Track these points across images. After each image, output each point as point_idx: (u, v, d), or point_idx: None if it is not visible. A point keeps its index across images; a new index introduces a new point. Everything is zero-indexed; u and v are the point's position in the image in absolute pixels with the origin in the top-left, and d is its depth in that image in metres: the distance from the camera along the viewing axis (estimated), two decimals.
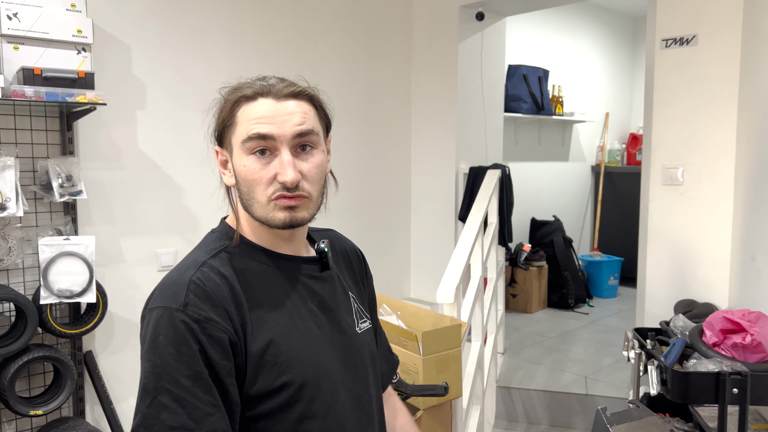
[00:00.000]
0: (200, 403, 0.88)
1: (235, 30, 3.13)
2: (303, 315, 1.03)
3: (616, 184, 5.77)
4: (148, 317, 0.94)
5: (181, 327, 0.90)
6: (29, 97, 2.17)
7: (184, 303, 0.91)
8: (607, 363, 3.60)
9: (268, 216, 0.99)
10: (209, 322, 0.91)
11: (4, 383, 2.30)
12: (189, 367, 0.89)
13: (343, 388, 1.04)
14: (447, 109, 3.82)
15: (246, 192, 0.99)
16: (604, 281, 5.23)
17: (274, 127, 0.97)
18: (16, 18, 2.23)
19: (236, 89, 1.02)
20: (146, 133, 2.84)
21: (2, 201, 2.26)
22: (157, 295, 0.95)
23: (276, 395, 0.95)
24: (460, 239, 2.44)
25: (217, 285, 0.95)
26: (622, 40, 6.12)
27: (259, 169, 0.97)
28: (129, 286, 2.83)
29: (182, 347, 0.89)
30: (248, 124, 0.97)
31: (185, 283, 0.94)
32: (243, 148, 0.98)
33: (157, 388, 0.88)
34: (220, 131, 1.02)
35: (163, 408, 0.87)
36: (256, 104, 0.98)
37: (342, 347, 1.07)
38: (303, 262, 1.07)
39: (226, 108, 1.00)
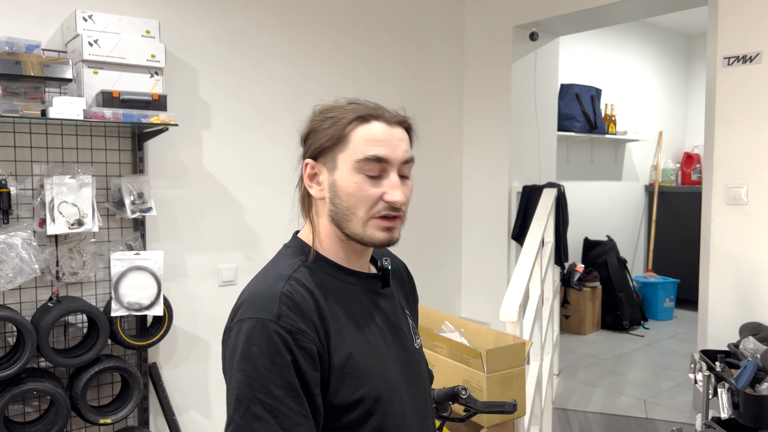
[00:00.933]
0: (291, 413, 0.91)
1: (293, 54, 3.23)
2: (373, 330, 1.07)
3: (671, 204, 5.65)
4: (237, 328, 0.96)
5: (275, 338, 0.93)
6: (108, 118, 2.29)
7: (278, 314, 0.94)
8: (666, 386, 3.51)
9: (365, 233, 1.03)
10: (301, 333, 0.94)
11: (77, 392, 2.40)
12: (282, 378, 0.91)
13: (408, 404, 1.07)
14: (500, 128, 3.84)
15: (346, 207, 1.02)
16: (660, 303, 5.10)
17: (389, 150, 1.02)
18: (97, 44, 2.36)
19: (340, 108, 1.05)
20: (211, 152, 2.95)
21: (80, 217, 2.38)
22: (247, 307, 0.97)
23: (354, 408, 0.98)
24: (520, 258, 2.44)
25: (304, 298, 0.98)
26: (676, 59, 6.03)
27: (368, 187, 1.01)
28: (192, 300, 2.92)
29: (276, 357, 0.92)
30: (365, 144, 1.01)
31: (277, 294, 0.97)
32: (355, 167, 1.01)
33: (250, 398, 0.91)
34: (323, 147, 1.04)
35: (256, 418, 0.90)
36: (371, 126, 1.03)
37: (405, 363, 1.11)
38: (370, 278, 1.11)
39: (336, 125, 1.03)
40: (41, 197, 2.36)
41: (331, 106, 1.07)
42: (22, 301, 2.46)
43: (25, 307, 2.47)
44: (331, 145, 1.04)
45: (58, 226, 2.33)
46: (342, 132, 1.03)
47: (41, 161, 2.48)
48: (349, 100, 1.08)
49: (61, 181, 2.35)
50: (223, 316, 2.96)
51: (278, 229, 3.12)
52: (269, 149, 3.12)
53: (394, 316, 1.13)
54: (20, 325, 2.24)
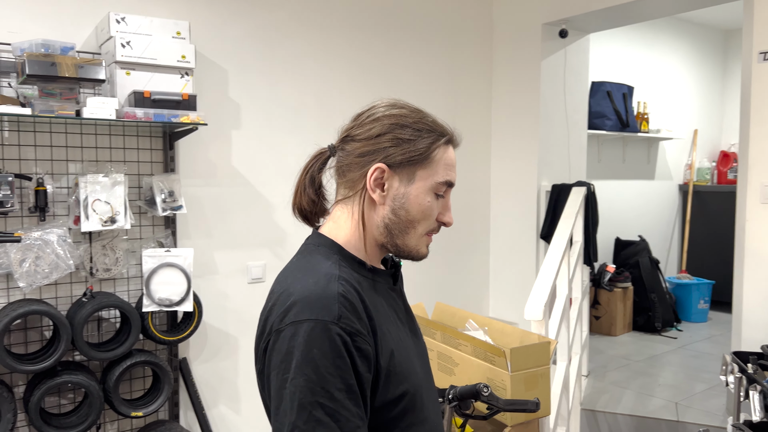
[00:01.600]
0: (351, 416, 0.91)
1: (322, 54, 3.25)
2: (399, 326, 1.09)
3: (707, 203, 5.53)
4: (295, 330, 0.93)
5: (337, 340, 0.91)
6: (140, 118, 2.34)
7: (338, 315, 0.93)
8: (699, 389, 3.43)
9: (416, 247, 1.08)
10: (359, 335, 0.94)
11: (109, 385, 2.46)
12: (343, 381, 0.91)
13: (430, 396, 1.11)
14: (528, 126, 3.81)
15: (410, 221, 1.06)
16: (694, 305, 5.00)
17: (455, 175, 1.10)
18: (129, 46, 2.41)
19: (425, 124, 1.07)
20: (240, 151, 2.99)
21: (112, 214, 2.44)
22: (303, 308, 0.94)
23: (397, 405, 1.00)
24: (547, 256, 2.42)
25: (355, 298, 0.98)
26: (711, 55, 5.90)
27: (435, 208, 1.08)
28: (221, 296, 2.97)
29: (337, 360, 0.91)
30: (446, 169, 1.07)
31: (334, 295, 0.95)
32: (433, 187, 1.06)
33: (312, 403, 0.89)
34: (407, 158, 1.05)
35: (318, 423, 0.89)
36: (450, 151, 1.09)
37: (422, 357, 1.14)
38: (386, 275, 1.12)
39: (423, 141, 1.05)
40: (76, 195, 2.43)
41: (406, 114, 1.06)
42: (58, 296, 2.53)
43: (61, 302, 2.54)
44: (416, 160, 1.05)
45: (91, 224, 2.40)
46: (428, 150, 1.06)
47: (76, 160, 2.55)
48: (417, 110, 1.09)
49: (94, 179, 2.41)
50: (253, 312, 3.03)
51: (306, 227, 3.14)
52: (298, 148, 3.15)
53: (407, 311, 1.17)
54: (56, 319, 2.30)
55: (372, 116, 1.08)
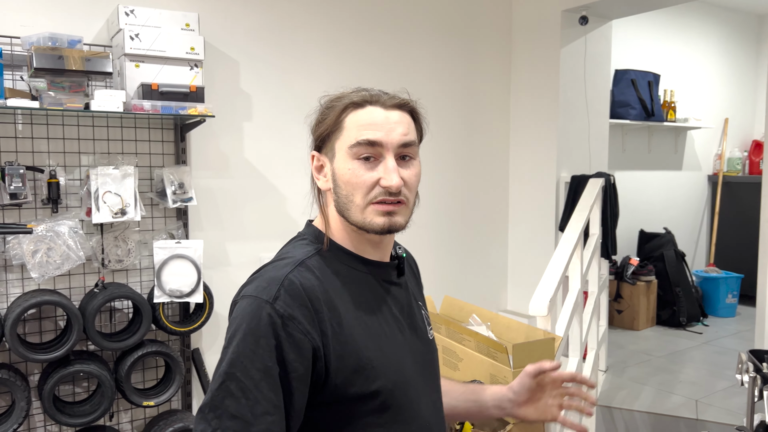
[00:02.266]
0: (263, 399, 0.90)
1: (334, 45, 3.23)
2: (389, 321, 1.05)
3: (737, 194, 5.36)
4: (240, 304, 0.97)
5: (266, 319, 0.92)
6: (147, 110, 2.35)
7: (275, 297, 0.94)
8: (722, 387, 3.34)
9: (365, 220, 1.01)
10: (293, 320, 0.93)
11: (121, 374, 2.50)
12: (262, 361, 0.91)
13: (423, 395, 1.07)
14: (548, 116, 3.73)
15: (345, 195, 1.02)
16: (722, 299, 4.86)
17: (383, 134, 1.00)
18: (138, 38, 2.42)
19: (341, 97, 1.05)
20: (252, 143, 2.99)
21: (123, 206, 2.46)
22: (252, 286, 0.98)
23: (370, 400, 0.97)
24: (556, 250, 2.37)
25: (312, 286, 0.97)
26: (743, 40, 5.69)
27: (363, 173, 1.00)
28: (234, 288, 2.93)
29: (260, 339, 0.92)
30: (357, 129, 1.00)
31: (280, 278, 0.96)
32: (349, 153, 1.01)
33: (229, 374, 0.91)
34: (322, 136, 1.05)
35: (229, 394, 0.90)
36: (365, 111, 1.02)
37: (420, 354, 1.10)
38: (385, 267, 1.10)
39: (332, 114, 1.03)
40: (87, 187, 2.46)
41: (335, 95, 1.06)
42: (72, 287, 2.57)
43: (75, 293, 2.58)
44: (329, 133, 1.03)
45: (102, 215, 2.42)
46: (337, 119, 1.02)
47: (89, 152, 2.58)
48: (354, 88, 1.07)
49: (105, 171, 2.44)
50: None
51: None
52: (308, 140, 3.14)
53: (408, 306, 1.13)
54: (67, 309, 2.34)
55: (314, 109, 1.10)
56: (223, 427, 0.89)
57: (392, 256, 1.13)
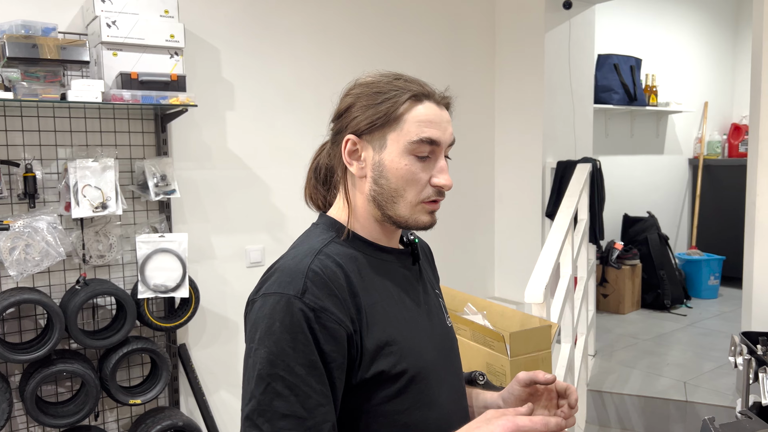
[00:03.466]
0: (313, 392, 0.89)
1: (319, 32, 3.16)
2: (408, 307, 1.04)
3: (717, 177, 5.41)
4: (262, 302, 0.93)
5: (298, 314, 0.90)
6: (127, 100, 2.28)
7: (302, 290, 0.92)
8: (708, 368, 3.37)
9: (412, 216, 1.01)
10: (325, 312, 0.91)
11: (106, 373, 2.43)
12: (304, 356, 0.89)
13: (444, 381, 1.06)
14: (533, 102, 3.70)
15: (394, 189, 1.00)
16: (704, 281, 4.91)
17: (440, 133, 1.00)
18: (115, 26, 2.34)
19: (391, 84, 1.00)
20: (235, 133, 2.92)
21: (103, 200, 2.39)
22: (273, 281, 0.95)
23: (389, 384, 0.96)
24: (549, 236, 2.35)
25: (334, 273, 0.95)
26: (722, 24, 5.73)
27: (419, 170, 0.99)
28: (219, 281, 2.92)
29: (298, 335, 0.90)
30: (418, 125, 0.98)
31: (303, 270, 0.94)
32: (407, 148, 0.98)
33: (272, 375, 0.89)
34: (373, 124, 0.99)
35: (277, 395, 0.88)
36: (424, 107, 1.00)
37: (440, 340, 1.09)
38: (401, 254, 1.08)
39: (388, 104, 0.99)
40: (65, 181, 2.37)
41: (376, 80, 1.03)
42: (51, 284, 2.49)
43: (55, 290, 2.50)
44: (382, 123, 0.99)
45: (82, 210, 2.35)
46: (395, 111, 0.99)
47: (66, 145, 2.49)
48: (393, 74, 1.04)
49: (83, 164, 2.36)
50: None
51: (305, 209, 3.06)
52: (294, 129, 3.08)
53: (426, 291, 1.12)
54: (47, 307, 2.27)
55: (345, 91, 1.05)
56: (276, 428, 0.87)
57: (404, 243, 1.12)
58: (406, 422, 0.98)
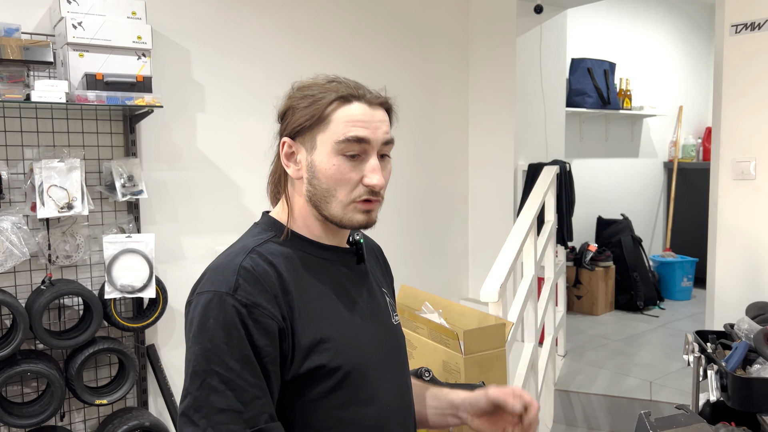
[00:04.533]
0: (249, 386, 0.91)
1: (291, 33, 3.18)
2: (347, 305, 1.06)
3: (692, 180, 5.49)
4: (196, 301, 0.96)
5: (231, 311, 0.92)
6: (91, 101, 2.29)
7: (234, 287, 0.93)
8: (675, 368, 3.42)
9: (345, 216, 1.02)
10: (257, 308, 0.93)
11: (72, 373, 2.43)
12: (239, 351, 0.91)
13: (386, 378, 1.07)
14: (505, 105, 3.75)
15: (325, 189, 1.01)
16: (677, 283, 4.98)
17: (369, 132, 1.00)
18: (81, 27, 2.35)
19: (323, 87, 1.02)
20: (205, 134, 2.94)
21: (69, 200, 2.39)
22: (207, 280, 0.97)
23: (324, 380, 0.98)
24: (509, 237, 2.38)
25: (265, 271, 0.97)
26: (696, 29, 5.81)
27: (348, 170, 1.00)
28: (190, 282, 2.87)
29: (232, 331, 0.91)
30: (345, 125, 0.99)
31: (235, 268, 0.96)
32: (336, 148, 1.00)
33: (207, 371, 0.90)
34: (302, 126, 1.02)
35: (213, 390, 0.90)
36: (352, 107, 1.01)
37: (384, 338, 1.10)
38: (344, 253, 1.10)
39: (316, 105, 1.01)
40: (31, 181, 2.38)
41: (311, 83, 1.05)
42: (17, 285, 2.49)
43: (21, 291, 2.50)
44: (311, 124, 1.02)
45: (47, 210, 2.35)
46: (323, 112, 1.01)
47: (32, 145, 2.49)
48: (329, 77, 1.06)
49: (49, 165, 2.36)
50: None
51: None
52: (265, 130, 3.09)
53: (370, 291, 1.13)
54: (12, 307, 2.27)
55: (285, 95, 1.08)
56: (213, 423, 0.89)
57: (350, 242, 1.14)
58: (342, 417, 1.00)
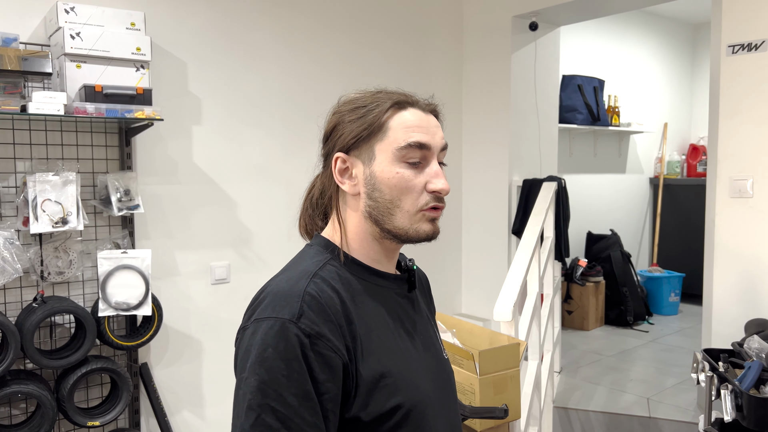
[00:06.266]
0: (306, 425, 0.83)
1: (287, 47, 3.15)
2: (402, 336, 0.99)
3: (677, 196, 5.56)
4: (254, 328, 0.88)
5: (293, 340, 0.84)
6: (90, 113, 2.23)
7: (298, 314, 0.86)
8: (670, 384, 3.43)
9: (412, 227, 0.96)
10: (321, 339, 0.86)
11: (63, 394, 2.35)
12: (298, 385, 0.83)
13: (441, 416, 1.00)
14: (500, 121, 3.75)
15: (389, 201, 0.95)
16: (665, 298, 5.02)
17: (429, 137, 0.97)
18: (79, 37, 2.29)
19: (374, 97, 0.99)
20: (201, 148, 2.88)
21: (64, 215, 2.32)
22: (267, 305, 0.89)
23: (386, 419, 0.91)
24: (516, 254, 2.36)
25: (330, 298, 0.90)
26: (681, 49, 5.92)
27: (412, 177, 0.95)
28: (183, 299, 2.86)
29: (293, 362, 0.84)
30: (405, 131, 0.95)
31: (299, 293, 0.88)
32: (397, 155, 0.95)
33: (262, 406, 0.83)
34: (358, 137, 0.97)
35: (268, 428, 0.82)
36: (408, 113, 0.97)
37: (437, 372, 1.04)
38: (398, 280, 1.03)
39: (373, 114, 0.97)
40: (24, 195, 2.30)
41: (359, 96, 1.01)
42: (7, 302, 2.41)
43: (11, 308, 2.41)
44: (368, 135, 0.97)
45: (41, 225, 2.27)
46: (379, 120, 0.96)
47: (25, 158, 2.42)
48: (376, 89, 1.03)
49: (44, 178, 2.29)
50: (216, 314, 2.93)
51: (272, 225, 3.06)
52: (261, 144, 3.05)
53: (422, 322, 1.06)
54: (2, 326, 2.18)
55: (330, 112, 1.03)
56: None
57: (402, 269, 1.08)
58: None
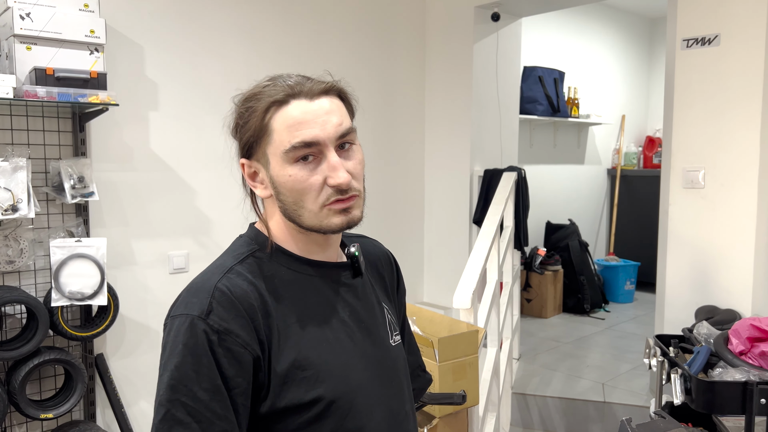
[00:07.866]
0: (217, 418, 0.84)
1: (248, 31, 3.10)
2: (334, 326, 0.97)
3: (633, 187, 5.69)
4: (170, 325, 0.89)
5: (202, 336, 0.85)
6: (41, 97, 2.15)
7: (207, 311, 0.86)
8: (624, 369, 3.53)
9: (322, 223, 0.93)
10: (230, 335, 0.86)
11: (14, 386, 2.28)
12: (209, 380, 0.84)
13: (378, 405, 0.99)
14: (461, 111, 3.78)
15: (293, 202, 0.93)
16: (621, 286, 5.15)
17: (317, 130, 0.90)
18: (29, 18, 2.21)
19: (257, 94, 0.93)
20: (158, 134, 2.82)
21: (14, 202, 2.24)
22: (181, 302, 0.90)
23: (305, 411, 0.90)
24: (476, 243, 2.39)
25: (244, 292, 0.89)
26: (638, 42, 6.05)
27: (307, 176, 0.91)
28: (140, 288, 2.81)
29: (202, 358, 0.84)
30: (288, 131, 0.90)
31: (210, 289, 0.88)
32: (285, 158, 0.91)
33: (172, 401, 0.83)
34: (249, 143, 0.94)
35: (177, 423, 0.83)
36: (290, 108, 0.91)
37: (377, 361, 1.01)
38: (335, 268, 1.01)
39: (254, 117, 0.92)
40: None
41: (251, 92, 0.95)
42: None
43: None
44: (256, 139, 0.93)
45: None
46: (261, 123, 0.92)
47: None
48: (267, 78, 0.97)
49: None
50: None
51: (231, 214, 3.02)
52: (221, 130, 2.99)
53: (365, 309, 1.03)
54: None
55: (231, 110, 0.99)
56: None
57: (347, 255, 1.05)
58: None
